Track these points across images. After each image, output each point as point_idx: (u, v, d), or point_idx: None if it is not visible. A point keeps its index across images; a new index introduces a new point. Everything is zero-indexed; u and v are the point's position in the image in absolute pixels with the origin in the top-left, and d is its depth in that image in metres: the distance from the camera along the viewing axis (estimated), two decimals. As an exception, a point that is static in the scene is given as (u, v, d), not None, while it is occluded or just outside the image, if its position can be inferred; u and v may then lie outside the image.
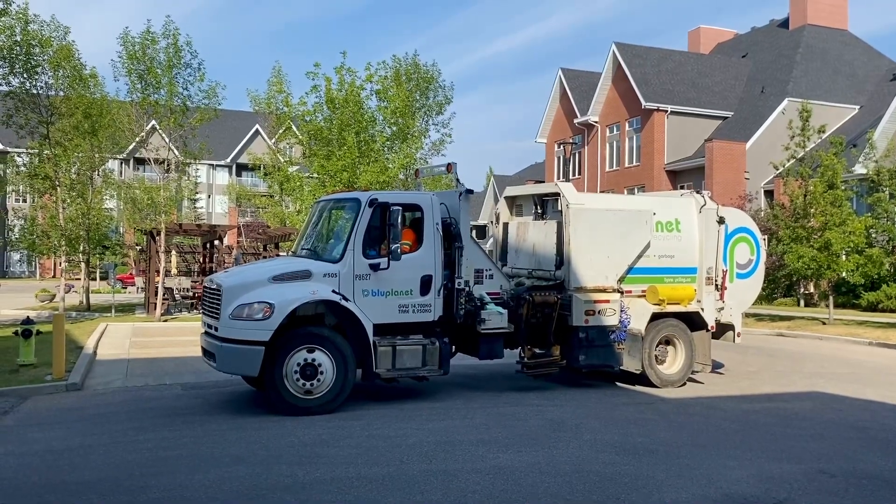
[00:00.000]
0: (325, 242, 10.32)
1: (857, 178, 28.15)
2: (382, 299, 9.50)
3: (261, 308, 8.90)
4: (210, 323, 9.52)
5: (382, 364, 9.44)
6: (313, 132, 25.17)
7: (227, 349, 9.00)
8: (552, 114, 50.03)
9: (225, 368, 9.30)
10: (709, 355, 11.68)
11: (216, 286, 9.51)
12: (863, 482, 6.34)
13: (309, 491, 5.94)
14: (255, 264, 10.44)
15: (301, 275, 9.32)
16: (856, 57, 42.78)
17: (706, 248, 11.49)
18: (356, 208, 9.68)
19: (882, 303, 26.55)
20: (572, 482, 6.17)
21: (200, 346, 10.11)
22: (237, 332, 8.95)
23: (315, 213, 10.95)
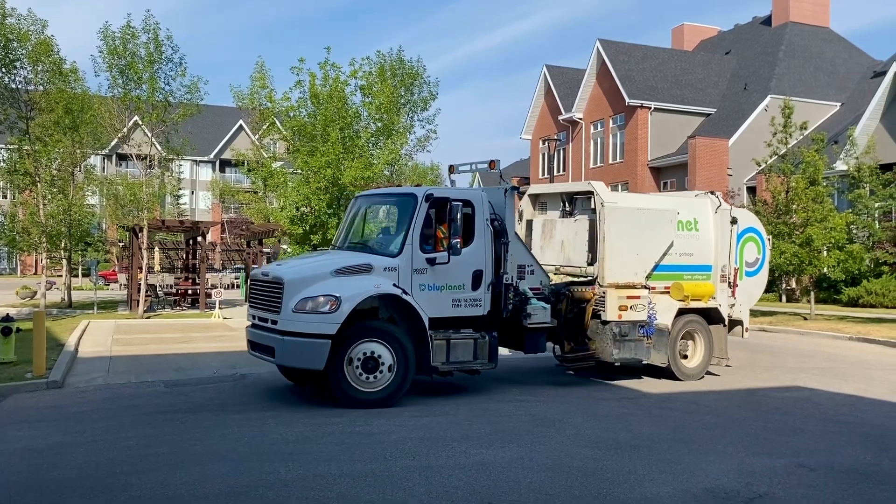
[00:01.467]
0: (377, 237, 10.38)
1: (839, 174, 28.41)
2: (437, 293, 9.60)
3: (327, 301, 8.92)
4: (265, 316, 9.43)
5: (437, 357, 9.53)
6: (297, 128, 25.03)
7: (291, 342, 8.95)
8: (537, 110, 50.12)
9: (287, 362, 9.27)
10: (725, 349, 12.09)
11: (274, 279, 9.40)
12: (841, 475, 6.41)
13: (291, 488, 5.92)
14: (307, 258, 10.40)
15: (363, 268, 9.37)
16: (837, 54, 43.17)
17: (721, 247, 12.03)
18: (412, 203, 9.74)
19: (862, 298, 26.83)
20: (554, 477, 6.19)
21: (247, 339, 10.02)
22: (301, 326, 8.93)
23: (359, 208, 10.97)
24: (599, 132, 44.30)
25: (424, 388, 10.74)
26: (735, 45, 47.61)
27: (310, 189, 24.20)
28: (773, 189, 23.22)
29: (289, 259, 10.59)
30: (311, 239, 25.12)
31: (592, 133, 44.95)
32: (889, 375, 12.52)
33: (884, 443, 7.69)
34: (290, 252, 27.31)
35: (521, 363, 13.56)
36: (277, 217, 27.33)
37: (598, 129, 44.44)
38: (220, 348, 15.30)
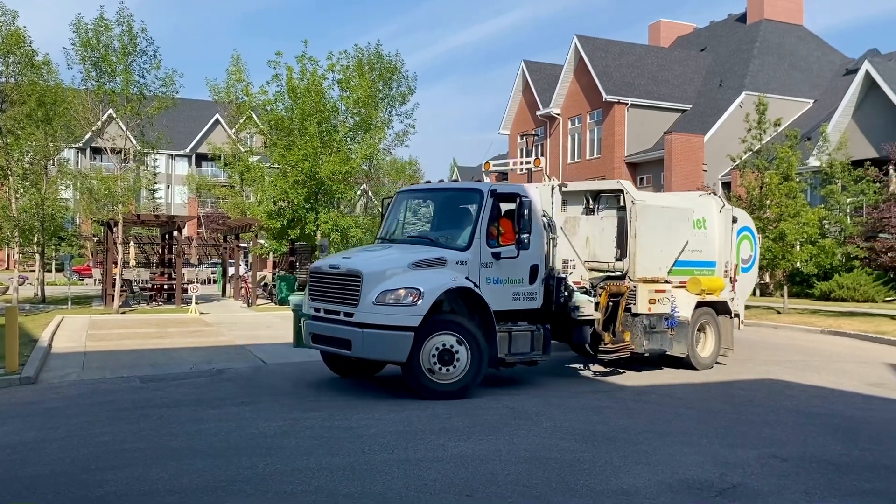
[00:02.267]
0: (441, 231, 10.42)
1: (811, 170, 28.80)
2: (500, 287, 9.81)
3: (408, 294, 8.99)
4: (336, 309, 9.45)
5: (501, 349, 9.70)
6: (274, 121, 24.91)
7: (372, 335, 9.00)
8: (515, 105, 50.21)
9: (367, 354, 9.27)
10: (731, 339, 12.88)
11: (348, 272, 9.40)
12: (812, 466, 6.52)
13: (269, 482, 5.91)
14: (371, 250, 10.40)
15: (437, 262, 9.49)
16: (810, 52, 43.70)
17: (724, 245, 12.73)
18: (478, 199, 9.92)
19: (834, 292, 27.23)
20: (531, 469, 6.24)
21: (308, 332, 9.98)
22: (383, 318, 8.98)
23: (412, 200, 11.23)
24: (577, 128, 44.48)
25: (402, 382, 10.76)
26: (710, 41, 48.02)
27: (287, 183, 24.11)
28: (747, 185, 23.49)
29: (349, 251, 10.64)
30: (288, 233, 25.04)
31: (570, 128, 45.12)
32: (859, 368, 12.75)
33: (853, 434, 7.84)
34: (269, 246, 27.16)
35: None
36: (254, 211, 27.17)
37: (575, 124, 44.63)
38: (196, 343, 15.19)
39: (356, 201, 29.79)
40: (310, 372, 11.68)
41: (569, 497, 5.56)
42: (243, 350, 14.31)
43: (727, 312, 12.77)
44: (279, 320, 19.91)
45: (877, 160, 28.28)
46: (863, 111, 30.84)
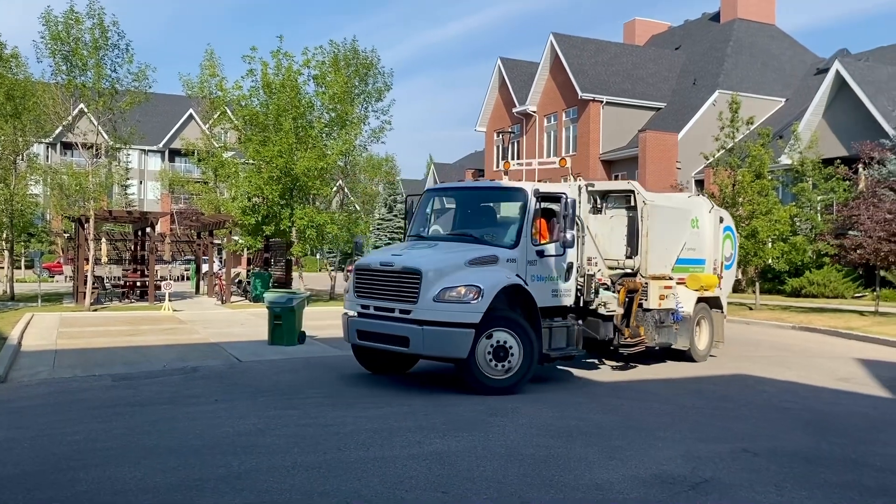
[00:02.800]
0: (486, 229, 10.50)
1: (783, 168, 29.20)
2: (543, 284, 10.05)
3: (469, 291, 9.11)
4: (390, 306, 9.50)
5: (544, 345, 9.91)
6: (249, 117, 24.72)
7: (433, 332, 9.07)
8: (491, 103, 50.29)
9: (427, 351, 9.31)
10: (723, 333, 13.65)
11: (405, 269, 9.42)
12: (783, 460, 6.63)
13: (244, 480, 5.88)
14: (419, 247, 10.28)
15: (491, 259, 9.66)
16: (783, 51, 44.25)
17: (714, 243, 13.34)
18: (524, 198, 10.15)
19: (805, 288, 27.67)
20: (507, 465, 6.27)
21: (354, 329, 9.99)
22: (444, 315, 9.08)
23: (440, 199, 11.41)
24: (553, 125, 44.65)
25: (379, 379, 10.74)
26: (685, 40, 48.44)
27: (262, 179, 23.94)
28: (720, 182, 23.75)
29: (392, 249, 10.67)
30: (263, 230, 24.87)
31: (546, 126, 45.29)
32: (829, 363, 12.97)
33: (823, 427, 7.97)
34: (243, 243, 26.95)
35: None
36: (228, 208, 26.93)
37: (551, 122, 44.80)
38: (170, 341, 15.05)
39: (332, 197, 29.63)
40: (285, 370, 11.62)
41: (543, 492, 5.60)
42: (217, 348, 14.20)
43: (719, 307, 13.53)
44: (254, 318, 19.79)
45: (847, 158, 28.73)
46: (833, 110, 31.30)
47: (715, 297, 13.37)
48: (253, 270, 28.62)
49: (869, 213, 20.40)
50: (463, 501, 5.40)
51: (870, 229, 20.04)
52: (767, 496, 5.57)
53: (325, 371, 11.54)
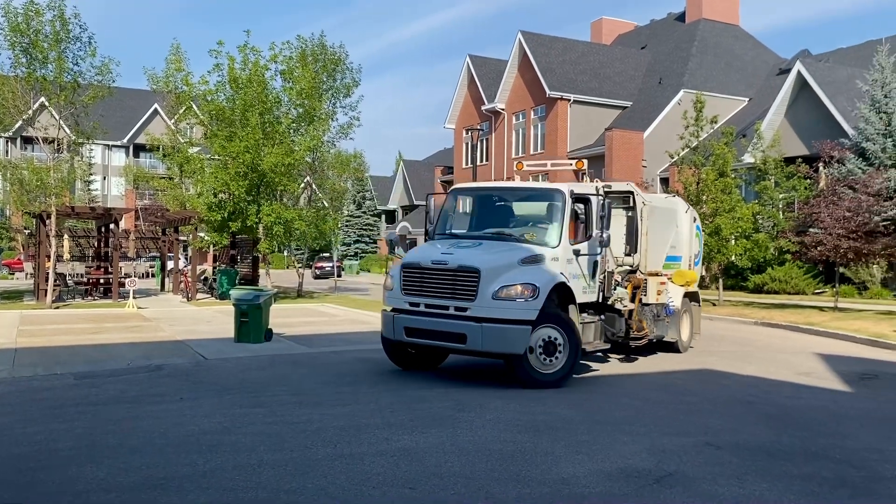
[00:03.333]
0: (516, 228, 10.83)
1: (746, 166, 29.68)
2: (577, 281, 10.40)
3: (525, 289, 9.39)
4: (444, 304, 9.64)
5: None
6: (215, 112, 24.44)
7: (491, 328, 9.30)
8: (461, 100, 50.32)
9: (486, 347, 9.45)
10: (699, 325, 14.62)
11: (462, 267, 9.56)
12: (745, 453, 6.75)
13: (210, 479, 5.82)
14: (467, 246, 10.30)
15: (539, 258, 9.97)
16: (746, 51, 44.94)
17: (689, 241, 14.00)
18: (561, 199, 10.52)
19: (767, 285, 28.17)
20: (474, 461, 6.29)
21: (402, 326, 9.98)
22: (502, 312, 9.33)
23: (486, 199, 11.60)
24: (521, 123, 44.83)
25: (347, 376, 10.71)
26: (651, 40, 48.95)
27: (228, 175, 23.69)
28: (684, 180, 24.08)
29: (438, 246, 10.52)
30: (229, 226, 24.62)
31: (514, 124, 45.44)
32: (790, 358, 13.23)
33: (784, 421, 8.14)
34: (209, 239, 26.66)
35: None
36: (194, 204, 26.62)
37: (519, 119, 44.97)
38: (134, 339, 14.83)
39: (300, 194, 29.43)
40: (251, 367, 11.53)
41: (510, 487, 5.64)
42: (183, 345, 14.03)
43: (697, 301, 14.42)
44: (220, 315, 19.58)
45: (808, 157, 29.30)
46: (795, 110, 31.90)
47: (695, 292, 14.17)
48: (219, 267, 28.31)
49: (829, 210, 20.83)
50: (430, 497, 5.42)
51: (830, 227, 20.47)
52: (730, 489, 5.67)
53: (292, 369, 11.47)
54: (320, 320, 19.45)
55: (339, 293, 30.50)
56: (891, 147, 25.95)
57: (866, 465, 6.41)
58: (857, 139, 26.91)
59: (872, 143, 26.12)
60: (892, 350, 14.28)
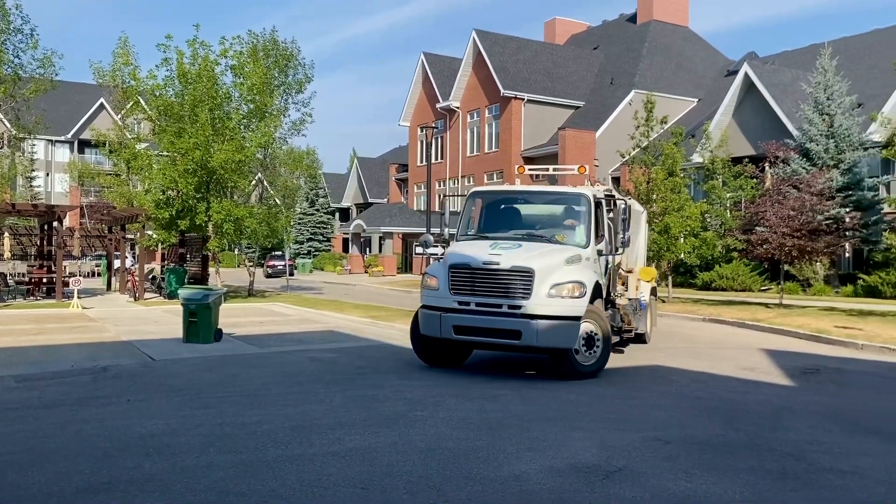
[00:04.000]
0: (547, 229, 11.45)
1: (695, 166, 30.28)
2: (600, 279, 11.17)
3: (575, 287, 10.05)
4: (496, 302, 10.09)
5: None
6: (163, 107, 23.94)
7: (546, 325, 9.87)
8: (415, 97, 50.24)
9: (540, 342, 9.96)
10: (656, 317, 15.69)
11: (515, 268, 10.05)
12: (693, 447, 6.88)
13: (156, 482, 5.69)
14: (510, 248, 10.58)
15: (578, 258, 10.71)
16: (695, 53, 45.83)
17: (644, 239, 14.94)
18: (587, 203, 11.27)
19: (715, 282, 28.79)
20: (427, 460, 6.29)
21: (452, 325, 10.23)
22: (555, 309, 9.91)
23: (493, 201, 12.15)
24: (476, 121, 44.96)
25: (300, 376, 10.61)
26: (603, 40, 49.55)
27: (177, 172, 23.25)
28: (635, 180, 24.46)
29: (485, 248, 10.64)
30: (178, 224, 24.16)
31: (469, 122, 45.56)
32: (736, 354, 13.53)
33: (730, 416, 8.31)
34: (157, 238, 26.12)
35: (395, 351, 13.69)
36: (142, 201, 26.06)
37: (474, 118, 45.09)
38: (79, 340, 14.44)
39: (251, 191, 29.03)
40: (200, 368, 11.33)
41: (462, 485, 5.64)
42: (130, 346, 13.71)
43: (655, 295, 15.32)
44: (168, 315, 19.20)
45: (754, 157, 30.05)
46: (742, 111, 32.66)
47: (654, 287, 15.07)
48: (167, 266, 27.75)
49: (774, 209, 21.38)
50: (382, 497, 5.39)
51: (775, 225, 21.02)
52: (678, 483, 5.77)
53: (241, 369, 11.31)
54: (272, 320, 19.22)
55: (291, 292, 30.19)
56: (833, 148, 26.78)
57: (807, 456, 6.59)
58: (801, 140, 27.70)
59: (816, 143, 26.91)
60: (834, 345, 14.74)
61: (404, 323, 17.22)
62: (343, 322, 18.51)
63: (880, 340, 14.42)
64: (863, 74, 32.23)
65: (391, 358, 12.61)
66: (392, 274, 46.37)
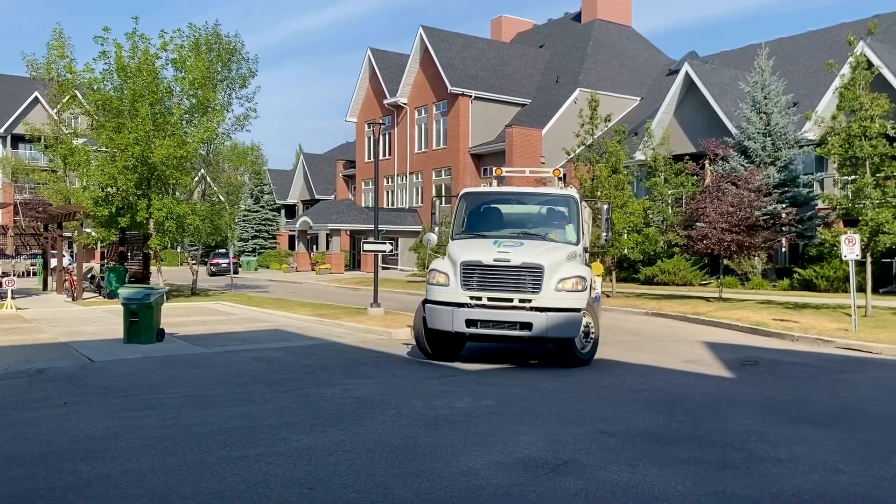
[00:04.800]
0: (539, 228, 12.18)
1: (638, 163, 30.84)
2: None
3: (578, 281, 10.83)
4: (507, 297, 10.74)
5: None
6: (101, 102, 23.27)
7: (555, 317, 10.57)
8: (362, 93, 49.93)
9: (550, 333, 10.64)
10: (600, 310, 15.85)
11: (526, 265, 10.69)
12: (636, 439, 7.01)
13: (96, 487, 5.54)
14: (514, 246, 11.17)
15: (576, 255, 11.51)
16: (638, 52, 46.66)
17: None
18: (575, 204, 12.07)
19: (657, 277, 29.38)
20: (375, 458, 6.26)
21: (465, 319, 10.70)
22: (562, 302, 10.65)
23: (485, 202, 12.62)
24: (423, 118, 44.95)
25: (244, 376, 10.45)
26: (548, 39, 50.06)
27: (116, 168, 22.66)
28: (580, 177, 24.80)
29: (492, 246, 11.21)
30: (118, 222, 23.54)
31: (417, 119, 45.52)
32: (678, 347, 13.84)
33: (672, 408, 8.50)
34: (96, 235, 25.40)
35: (343, 349, 13.61)
36: (80, 198, 25.31)
37: (422, 114, 45.07)
38: (13, 342, 13.95)
39: (193, 188, 28.43)
40: (142, 369, 11.07)
41: (410, 482, 5.64)
42: (67, 347, 13.30)
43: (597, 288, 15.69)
44: (108, 315, 18.70)
45: (695, 155, 30.77)
46: (683, 109, 33.39)
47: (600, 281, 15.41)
48: (107, 265, 27.01)
49: (714, 206, 21.94)
50: (329, 497, 5.34)
51: (714, 221, 21.56)
52: (621, 475, 5.87)
53: (185, 369, 11.08)
54: (216, 319, 18.88)
55: (236, 290, 29.71)
56: (770, 146, 27.60)
57: (746, 446, 6.78)
58: (739, 138, 28.46)
59: (753, 141, 27.69)
60: (771, 337, 15.20)
61: (352, 320, 17.12)
62: (289, 321, 18.29)
63: (815, 332, 14.93)
64: (798, 74, 33.29)
65: (339, 356, 12.52)
66: (340, 271, 46.02)
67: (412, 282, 34.97)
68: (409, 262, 44.91)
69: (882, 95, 17.43)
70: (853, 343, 13.71)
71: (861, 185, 17.23)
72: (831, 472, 5.99)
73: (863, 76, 17.57)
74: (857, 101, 17.28)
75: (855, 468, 6.11)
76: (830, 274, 24.85)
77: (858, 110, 17.28)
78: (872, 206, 17.10)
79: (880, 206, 17.13)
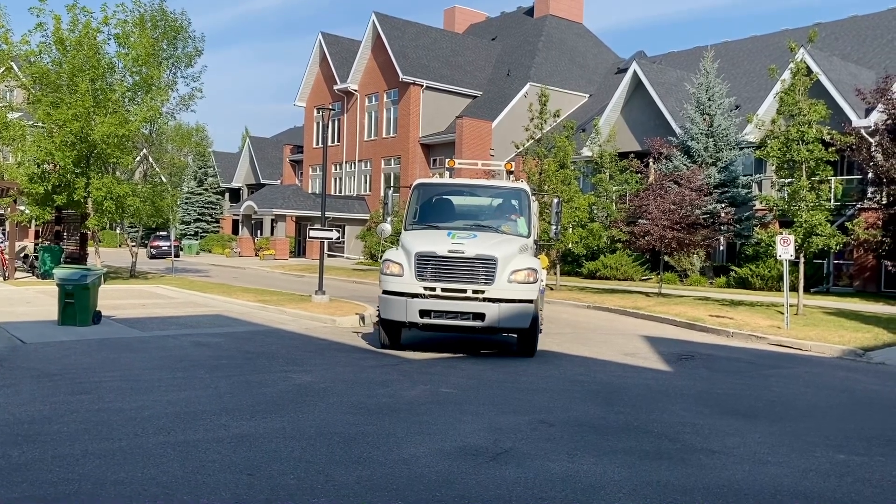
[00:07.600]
0: (500, 221, 12.32)
1: (585, 159, 31.27)
2: None
3: (529, 273, 10.98)
4: (462, 287, 10.81)
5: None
6: (39, 75, 22.42)
7: (507, 307, 10.76)
8: (312, 78, 49.33)
9: (502, 324, 10.81)
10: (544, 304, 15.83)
11: (480, 256, 10.79)
12: (575, 429, 7.14)
13: (25, 472, 5.37)
14: (468, 238, 11.30)
15: (527, 247, 11.76)
16: (588, 49, 47.20)
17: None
18: (526, 197, 12.41)
19: (600, 271, 29.89)
20: (316, 445, 6.23)
21: (419, 309, 10.74)
22: (514, 293, 10.81)
23: (458, 194, 12.87)
24: (374, 105, 44.66)
25: (184, 362, 10.27)
26: (501, 32, 50.24)
27: (53, 144, 21.91)
28: (528, 171, 25.01)
29: (444, 237, 11.29)
30: (54, 200, 22.79)
31: (367, 106, 45.20)
32: (618, 339, 14.14)
33: (610, 399, 8.69)
34: (30, 213, 24.53)
35: (285, 336, 13.48)
36: (13, 174, 24.37)
37: (372, 101, 44.78)
38: (-63, 321, 13.38)
39: (135, 168, 27.68)
40: (77, 352, 10.76)
41: (351, 469, 5.63)
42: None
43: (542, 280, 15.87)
44: (42, 296, 18.11)
45: (640, 153, 31.35)
46: (630, 108, 33.95)
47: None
48: (41, 244, 26.12)
49: (656, 203, 22.42)
50: (269, 483, 5.30)
51: (656, 218, 22.04)
52: (560, 464, 5.98)
53: (121, 353, 10.82)
54: (155, 302, 18.47)
55: (176, 274, 29.08)
56: (712, 146, 28.30)
57: (681, 438, 6.98)
58: (683, 138, 29.11)
59: (696, 142, 28.35)
60: (707, 332, 15.64)
61: (296, 307, 16.96)
62: (231, 306, 18.02)
63: (748, 328, 15.42)
64: (741, 78, 34.18)
65: (281, 343, 12.40)
66: (284, 258, 45.48)
67: (358, 270, 34.79)
68: (355, 251, 44.66)
69: (820, 102, 18.04)
70: (785, 340, 14.20)
71: (797, 187, 17.83)
72: (760, 464, 6.21)
73: (802, 82, 18.15)
74: (796, 106, 17.85)
75: (782, 459, 6.35)
76: (765, 273, 25.68)
77: (797, 115, 17.85)
78: (807, 208, 17.71)
79: (814, 209, 17.76)
